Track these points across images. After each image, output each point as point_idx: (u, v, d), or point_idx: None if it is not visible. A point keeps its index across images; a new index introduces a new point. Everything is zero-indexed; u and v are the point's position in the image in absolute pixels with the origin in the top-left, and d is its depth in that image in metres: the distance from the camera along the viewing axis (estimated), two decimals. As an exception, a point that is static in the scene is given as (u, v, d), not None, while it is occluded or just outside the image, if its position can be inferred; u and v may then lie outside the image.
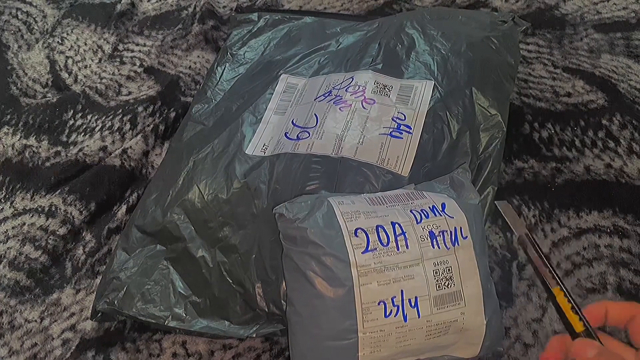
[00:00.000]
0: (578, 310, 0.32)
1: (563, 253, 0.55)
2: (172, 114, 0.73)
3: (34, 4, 0.96)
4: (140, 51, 0.84)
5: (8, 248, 0.62)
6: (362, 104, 0.57)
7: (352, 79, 0.60)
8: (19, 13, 0.95)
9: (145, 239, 0.54)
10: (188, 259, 0.52)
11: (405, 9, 0.84)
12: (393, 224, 0.39)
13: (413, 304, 0.36)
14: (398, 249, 0.37)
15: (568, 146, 0.63)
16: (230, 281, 0.50)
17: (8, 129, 0.76)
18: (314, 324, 0.37)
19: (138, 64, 0.82)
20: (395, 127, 0.55)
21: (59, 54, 0.86)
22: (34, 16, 0.94)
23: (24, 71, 0.84)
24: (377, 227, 0.38)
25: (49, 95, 0.80)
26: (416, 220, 0.39)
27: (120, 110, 0.75)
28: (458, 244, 0.39)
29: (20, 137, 0.74)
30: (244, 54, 0.71)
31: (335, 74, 0.62)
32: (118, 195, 0.66)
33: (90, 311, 0.53)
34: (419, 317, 0.36)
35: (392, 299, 0.36)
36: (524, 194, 0.59)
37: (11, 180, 0.69)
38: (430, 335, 0.37)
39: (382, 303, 0.36)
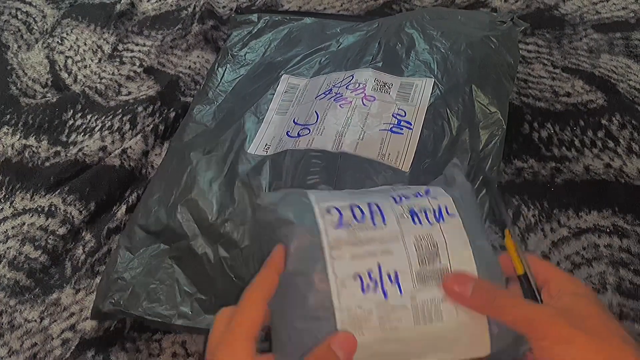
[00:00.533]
0: (521, 255, 0.35)
1: (563, 253, 0.55)
2: (172, 114, 0.73)
3: (34, 4, 0.96)
4: (140, 51, 0.84)
5: (8, 248, 0.62)
6: (362, 101, 0.57)
7: (353, 77, 0.60)
8: (18, 13, 0.95)
9: (148, 238, 0.54)
10: (192, 257, 0.52)
11: (405, 9, 0.84)
12: (370, 204, 0.36)
13: (393, 279, 0.33)
14: (374, 225, 0.35)
15: (567, 146, 0.63)
16: (232, 276, 0.50)
17: (8, 129, 0.76)
18: (291, 306, 0.34)
19: (138, 64, 0.82)
20: (396, 123, 0.55)
21: (59, 54, 0.86)
22: (33, 16, 0.94)
23: (23, 71, 0.84)
24: (351, 205, 0.36)
25: (49, 95, 0.80)
26: (395, 201, 0.37)
27: (120, 110, 0.75)
28: (443, 220, 0.36)
29: (20, 137, 0.74)
30: (244, 55, 0.72)
31: (336, 72, 0.63)
32: (118, 195, 0.66)
33: (90, 311, 0.53)
34: (400, 293, 0.33)
35: (368, 273, 0.33)
36: (523, 194, 0.59)
37: (11, 180, 0.69)
38: (419, 319, 0.33)
39: (358, 277, 0.33)
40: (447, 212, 0.36)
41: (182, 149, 0.60)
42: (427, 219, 0.36)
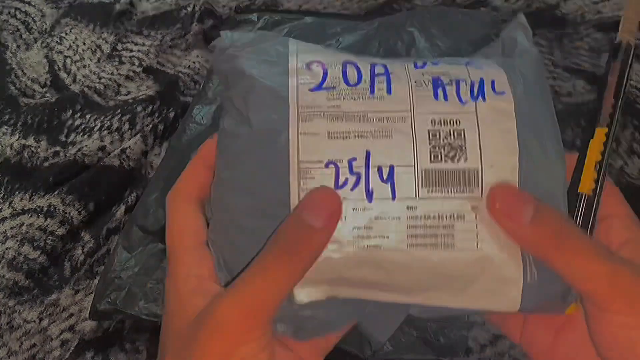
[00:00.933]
0: (602, 171, 0.24)
1: (564, 253, 0.54)
2: (171, 114, 0.73)
3: (33, 4, 0.96)
4: (139, 51, 0.84)
5: (7, 248, 0.61)
6: None
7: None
8: (17, 13, 0.95)
9: (146, 238, 0.54)
10: (189, 257, 0.52)
11: (405, 8, 0.84)
12: (374, 64, 0.25)
13: (386, 176, 0.23)
14: (372, 92, 0.24)
15: (568, 146, 0.63)
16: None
17: (6, 129, 0.75)
18: (234, 196, 0.25)
19: (137, 64, 0.82)
20: None
21: (58, 54, 0.86)
22: (32, 16, 0.94)
23: (22, 71, 0.84)
24: (345, 62, 0.25)
25: (48, 95, 0.80)
26: (415, 66, 0.25)
27: (119, 110, 0.75)
28: (483, 99, 0.24)
29: (19, 137, 0.74)
30: (244, 54, 0.71)
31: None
32: (117, 196, 0.66)
33: (88, 311, 0.53)
34: (393, 198, 0.22)
35: (349, 162, 0.23)
36: (524, 194, 0.59)
37: (10, 181, 0.69)
38: (415, 239, 0.22)
39: (332, 165, 0.23)
40: (493, 89, 0.25)
41: (181, 149, 0.60)
42: (458, 94, 0.24)
